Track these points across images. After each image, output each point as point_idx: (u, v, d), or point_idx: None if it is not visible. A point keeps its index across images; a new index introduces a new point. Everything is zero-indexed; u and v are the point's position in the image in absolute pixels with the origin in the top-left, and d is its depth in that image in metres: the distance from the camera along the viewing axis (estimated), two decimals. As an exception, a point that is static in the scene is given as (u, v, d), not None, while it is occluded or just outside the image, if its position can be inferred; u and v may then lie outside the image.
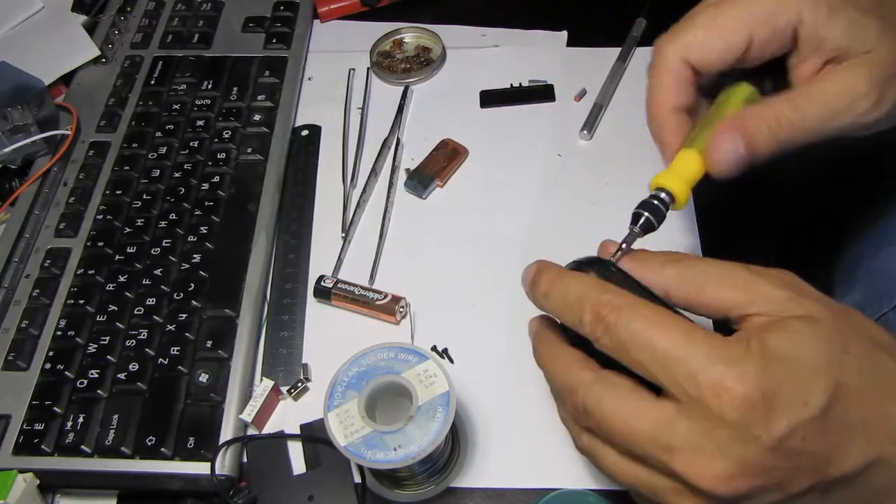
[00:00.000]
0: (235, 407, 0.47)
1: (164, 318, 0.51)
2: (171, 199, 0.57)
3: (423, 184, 0.58)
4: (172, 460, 0.45)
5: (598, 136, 0.60)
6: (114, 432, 0.46)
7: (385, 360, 0.40)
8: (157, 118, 0.62)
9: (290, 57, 0.66)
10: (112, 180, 0.59)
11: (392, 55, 0.67)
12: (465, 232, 0.56)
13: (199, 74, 0.65)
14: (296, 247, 0.56)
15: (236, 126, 0.61)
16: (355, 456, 0.38)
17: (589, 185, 0.58)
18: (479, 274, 0.54)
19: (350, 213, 0.57)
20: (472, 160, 0.60)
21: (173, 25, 0.69)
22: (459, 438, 0.46)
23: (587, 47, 0.66)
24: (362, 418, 0.38)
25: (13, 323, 0.52)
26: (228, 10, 0.70)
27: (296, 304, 0.53)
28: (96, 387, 0.48)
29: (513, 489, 0.45)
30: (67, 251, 0.55)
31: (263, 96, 0.63)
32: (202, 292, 0.52)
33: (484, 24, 0.68)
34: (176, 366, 0.48)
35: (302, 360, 0.51)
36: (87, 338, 0.50)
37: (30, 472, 0.44)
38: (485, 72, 0.65)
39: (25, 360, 0.50)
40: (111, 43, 0.69)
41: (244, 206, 0.56)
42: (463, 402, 0.48)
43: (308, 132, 0.63)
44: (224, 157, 0.59)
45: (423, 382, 0.39)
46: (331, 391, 0.39)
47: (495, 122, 0.62)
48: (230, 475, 0.45)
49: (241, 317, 0.51)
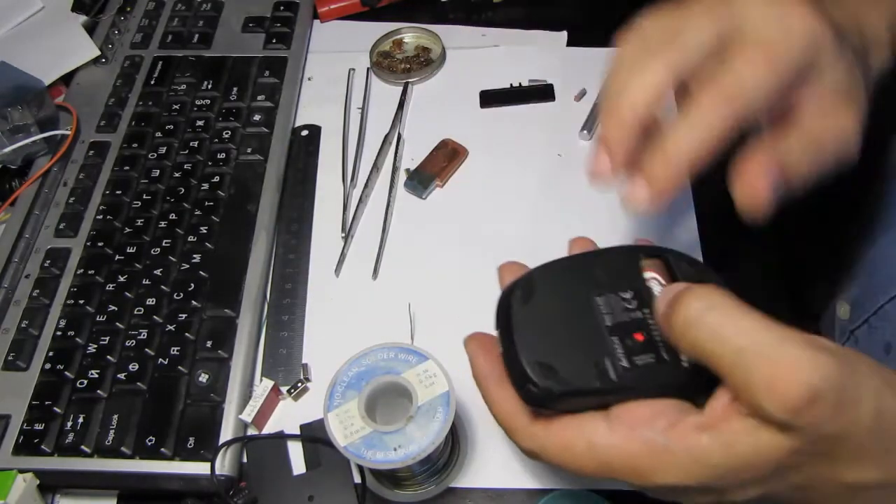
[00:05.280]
0: (235, 407, 0.47)
1: (164, 318, 0.51)
2: (171, 200, 0.57)
3: (423, 184, 0.58)
4: (172, 460, 0.45)
5: (598, 136, 0.60)
6: (114, 432, 0.46)
7: (385, 361, 0.40)
8: (157, 118, 0.62)
9: (290, 57, 0.66)
10: (112, 180, 0.59)
11: (392, 55, 0.67)
12: (465, 232, 0.56)
13: (199, 74, 0.65)
14: (296, 247, 0.56)
15: (236, 126, 0.61)
16: (355, 456, 0.38)
17: (589, 185, 0.58)
18: (479, 274, 0.53)
19: (350, 212, 0.57)
20: (472, 160, 0.60)
21: (173, 25, 0.69)
22: (459, 438, 0.46)
23: (587, 47, 0.66)
24: (362, 418, 0.38)
25: (13, 323, 0.52)
26: (228, 10, 0.70)
27: (296, 304, 0.53)
28: (96, 387, 0.48)
29: (513, 489, 0.45)
30: (67, 251, 0.55)
31: (263, 96, 0.63)
32: (202, 292, 0.52)
33: (484, 24, 0.68)
34: (176, 366, 0.48)
35: (302, 360, 0.51)
36: (87, 338, 0.50)
37: (30, 472, 0.44)
38: (485, 72, 0.64)
39: (25, 360, 0.50)
40: (111, 43, 0.69)
41: (244, 206, 0.56)
42: (463, 402, 0.48)
43: (308, 132, 0.63)
44: (224, 158, 0.59)
45: (423, 382, 0.39)
46: (331, 391, 0.39)
47: (495, 122, 0.62)
48: (230, 475, 0.45)
49: (241, 317, 0.51)
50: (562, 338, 0.33)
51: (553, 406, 0.33)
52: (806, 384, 0.26)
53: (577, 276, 0.35)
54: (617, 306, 0.34)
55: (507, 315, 0.34)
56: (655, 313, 0.33)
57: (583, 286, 0.34)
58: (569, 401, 0.32)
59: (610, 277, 0.34)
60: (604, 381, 0.32)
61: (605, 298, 0.34)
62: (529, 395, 0.32)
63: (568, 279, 0.35)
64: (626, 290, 0.34)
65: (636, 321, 0.33)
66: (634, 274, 0.35)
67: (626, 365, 0.32)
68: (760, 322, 0.28)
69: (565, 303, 0.34)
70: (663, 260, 0.35)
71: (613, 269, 0.35)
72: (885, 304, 0.47)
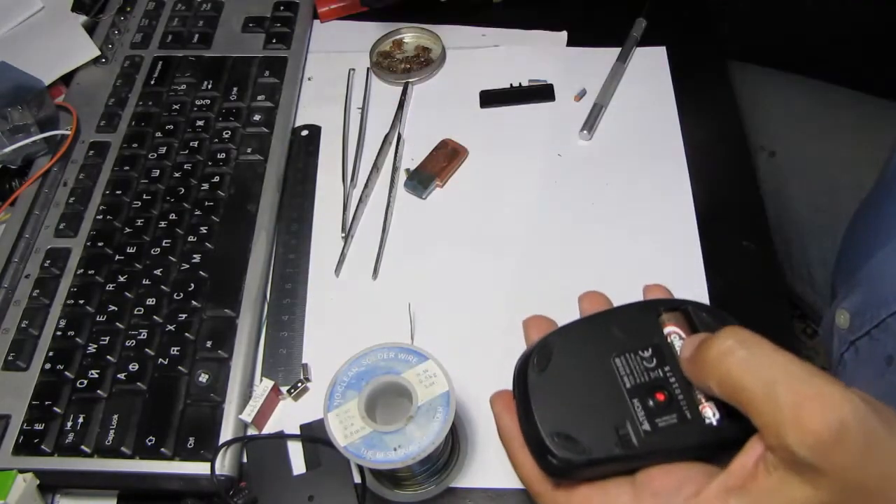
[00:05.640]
0: (235, 407, 0.47)
1: (164, 319, 0.51)
2: (171, 200, 0.57)
3: (422, 184, 0.58)
4: (172, 460, 0.45)
5: (598, 136, 0.60)
6: (114, 432, 0.46)
7: (385, 361, 0.40)
8: (157, 118, 0.62)
9: (289, 57, 0.66)
10: (112, 180, 0.59)
11: (392, 55, 0.67)
12: (465, 232, 0.56)
13: (198, 74, 0.65)
14: (296, 247, 0.56)
15: (236, 126, 0.61)
16: (355, 456, 0.38)
17: (589, 185, 0.58)
18: (479, 274, 0.54)
19: (350, 212, 0.57)
20: (472, 160, 0.60)
21: (173, 25, 0.69)
22: (459, 438, 0.46)
23: (587, 47, 0.66)
24: (362, 418, 0.38)
25: (13, 323, 0.52)
26: (228, 10, 0.70)
27: (296, 304, 0.53)
28: (96, 387, 0.48)
29: (513, 489, 0.45)
30: (67, 251, 0.55)
31: (263, 96, 0.63)
32: (202, 292, 0.52)
33: (484, 24, 0.68)
34: (176, 366, 0.48)
35: (302, 360, 0.51)
36: (87, 338, 0.50)
37: (30, 472, 0.44)
38: (485, 72, 0.65)
39: (25, 360, 0.50)
40: (111, 43, 0.69)
41: (244, 206, 0.56)
42: (463, 402, 0.48)
43: (308, 132, 0.63)
44: (224, 158, 0.59)
45: (423, 382, 0.39)
46: (331, 391, 0.39)
47: (495, 122, 0.62)
48: (230, 475, 0.45)
49: (241, 317, 0.51)
50: (580, 405, 0.32)
51: (574, 476, 0.32)
52: (833, 417, 0.26)
53: (594, 339, 0.34)
54: (637, 366, 0.33)
55: (524, 384, 0.33)
56: (681, 360, 0.32)
57: (600, 348, 0.34)
58: (590, 470, 0.32)
59: (628, 336, 0.34)
60: (626, 448, 0.31)
61: (623, 359, 0.33)
62: (549, 467, 0.32)
63: (585, 342, 0.34)
64: (646, 347, 0.33)
65: (657, 380, 0.32)
66: (653, 330, 0.34)
67: (647, 429, 0.31)
68: (792, 358, 0.28)
69: (583, 368, 0.33)
70: (683, 312, 0.34)
71: (632, 328, 0.34)
72: (888, 317, 0.47)
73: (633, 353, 0.33)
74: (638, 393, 0.32)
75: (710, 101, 0.62)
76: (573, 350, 0.34)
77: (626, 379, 0.33)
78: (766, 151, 0.73)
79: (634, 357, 0.33)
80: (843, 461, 0.26)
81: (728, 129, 0.61)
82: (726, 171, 0.58)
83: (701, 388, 0.31)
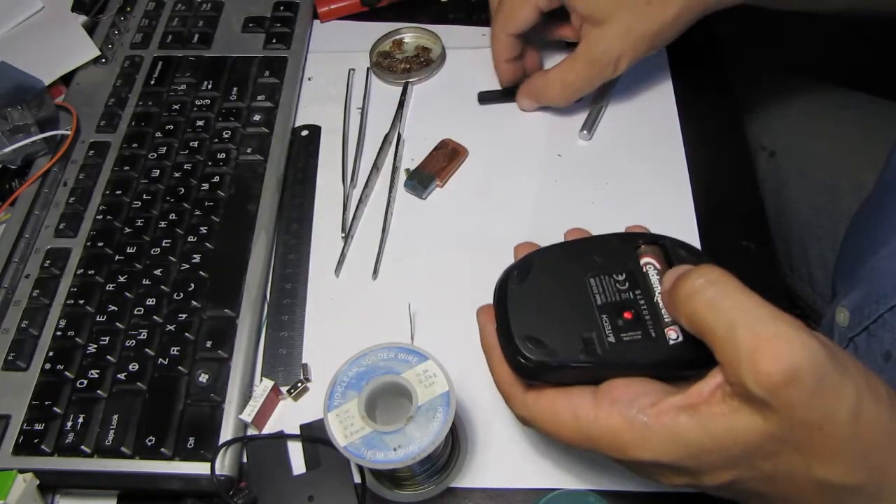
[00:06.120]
0: (235, 407, 0.47)
1: (164, 319, 0.51)
2: (171, 200, 0.57)
3: (422, 184, 0.58)
4: (172, 460, 0.45)
5: (598, 136, 0.60)
6: (114, 432, 0.46)
7: (385, 361, 0.40)
8: (157, 118, 0.62)
9: (289, 57, 0.66)
10: (112, 180, 0.59)
11: (392, 55, 0.67)
12: (465, 232, 0.56)
13: (198, 74, 0.65)
14: (296, 247, 0.56)
15: (236, 126, 0.61)
16: (355, 456, 0.38)
17: (589, 185, 0.58)
18: (479, 274, 0.53)
19: (350, 212, 0.57)
20: (472, 160, 0.60)
21: (173, 25, 0.69)
22: (459, 438, 0.46)
23: (587, 47, 0.66)
24: (362, 418, 0.38)
25: (13, 323, 0.52)
26: (228, 10, 0.70)
27: (296, 304, 0.53)
28: (96, 387, 0.48)
29: (513, 489, 0.45)
30: (67, 251, 0.55)
31: (263, 96, 0.63)
32: (202, 292, 0.52)
33: (484, 24, 0.68)
34: (176, 366, 0.48)
35: (302, 360, 0.51)
36: (87, 338, 0.50)
37: (30, 472, 0.44)
38: (484, 72, 0.64)
39: (25, 360, 0.50)
40: (111, 43, 0.69)
41: (244, 206, 0.56)
42: (463, 402, 0.48)
43: (308, 132, 0.63)
44: (224, 158, 0.59)
45: (423, 382, 0.39)
46: (331, 391, 0.39)
47: (495, 122, 0.62)
48: (230, 475, 0.45)
49: (241, 317, 0.51)
50: (553, 315, 0.35)
51: (542, 378, 0.35)
52: (788, 361, 0.27)
53: (573, 259, 0.36)
54: (609, 287, 0.35)
55: (503, 293, 0.36)
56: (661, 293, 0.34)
57: (578, 268, 0.36)
58: (556, 373, 0.34)
59: (606, 261, 0.36)
60: (590, 355, 0.33)
61: (598, 280, 0.35)
62: (519, 367, 0.34)
63: (564, 261, 0.36)
64: (621, 272, 0.36)
65: (627, 301, 0.35)
66: (631, 258, 0.36)
67: (612, 340, 0.33)
68: (758, 301, 0.29)
69: (559, 283, 0.36)
70: (661, 246, 0.36)
71: (610, 253, 0.36)
72: (885, 312, 0.47)
73: (607, 275, 0.36)
74: (608, 310, 0.35)
75: (710, 101, 0.62)
76: (552, 267, 0.36)
77: (598, 297, 0.35)
78: (766, 151, 0.73)
79: (608, 279, 0.35)
80: (792, 400, 0.28)
81: (728, 129, 0.61)
82: (726, 170, 0.58)
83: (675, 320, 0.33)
